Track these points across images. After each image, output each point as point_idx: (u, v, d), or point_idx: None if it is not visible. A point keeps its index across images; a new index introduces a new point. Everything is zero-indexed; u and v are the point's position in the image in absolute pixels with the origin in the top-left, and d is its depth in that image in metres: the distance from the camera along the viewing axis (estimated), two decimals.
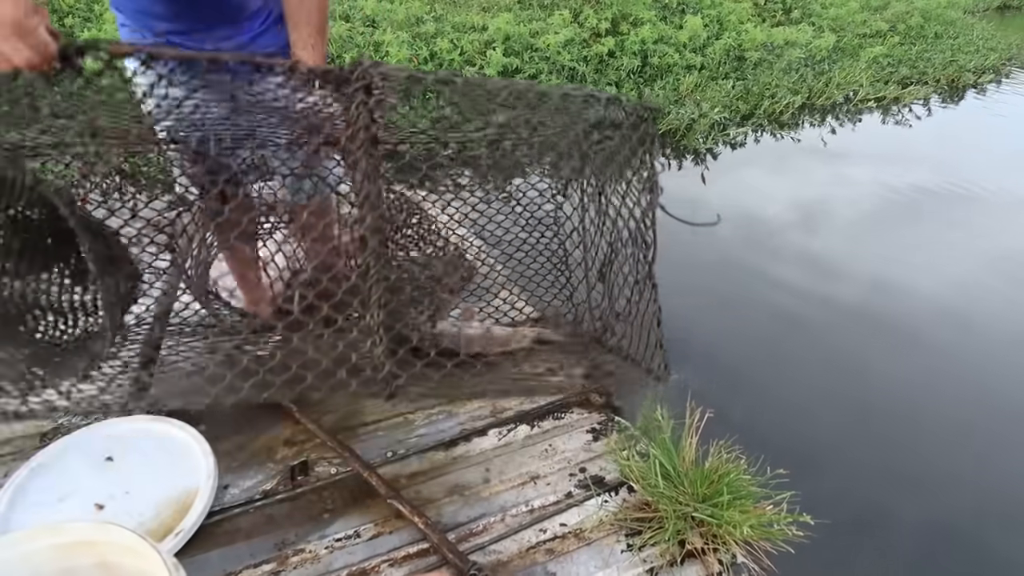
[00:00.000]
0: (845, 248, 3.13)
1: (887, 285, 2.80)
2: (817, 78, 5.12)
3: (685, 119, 4.16)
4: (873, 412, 2.09)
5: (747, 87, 4.75)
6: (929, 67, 5.75)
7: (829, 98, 5.02)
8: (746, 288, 2.74)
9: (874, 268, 2.92)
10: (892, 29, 6.47)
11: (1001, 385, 2.25)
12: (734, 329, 2.44)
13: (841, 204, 3.58)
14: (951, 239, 3.22)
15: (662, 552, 1.29)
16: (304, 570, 1.23)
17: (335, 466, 1.44)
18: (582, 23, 5.03)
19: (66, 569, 0.65)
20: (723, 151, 4.13)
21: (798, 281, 2.80)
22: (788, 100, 4.72)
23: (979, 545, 1.66)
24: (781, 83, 4.87)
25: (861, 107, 5.07)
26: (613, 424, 1.61)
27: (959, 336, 2.50)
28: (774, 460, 1.40)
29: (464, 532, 1.33)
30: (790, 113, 4.71)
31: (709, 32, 5.21)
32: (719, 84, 4.69)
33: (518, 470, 1.49)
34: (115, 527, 0.65)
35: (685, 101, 4.41)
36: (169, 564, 0.58)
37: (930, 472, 1.88)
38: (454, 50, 4.42)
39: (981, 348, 2.43)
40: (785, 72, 5.06)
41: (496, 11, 5.14)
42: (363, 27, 4.62)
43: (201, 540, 1.26)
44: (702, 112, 4.23)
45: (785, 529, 1.26)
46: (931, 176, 3.87)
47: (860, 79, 5.21)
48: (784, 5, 6.51)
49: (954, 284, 2.86)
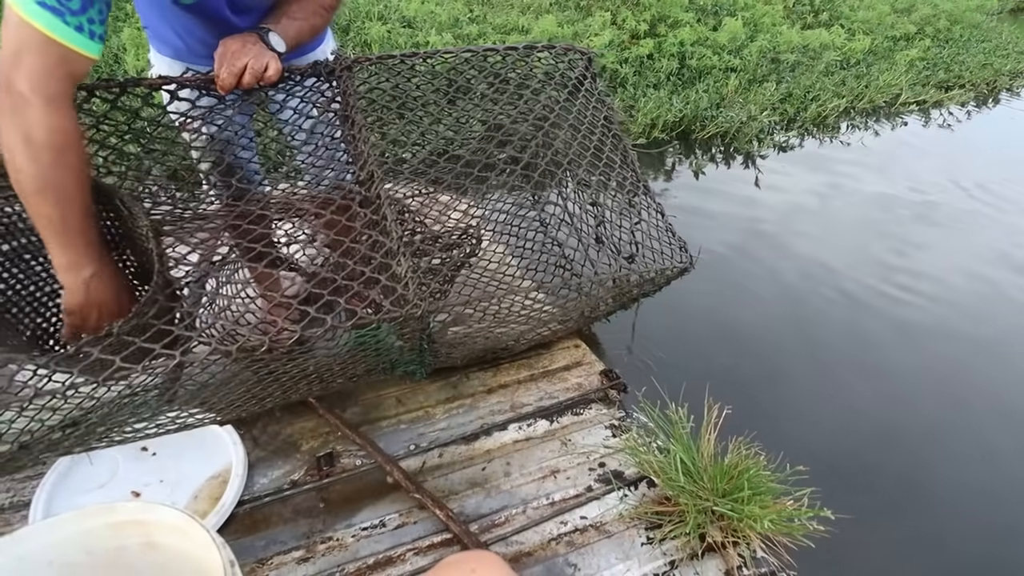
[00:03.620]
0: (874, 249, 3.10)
1: (924, 286, 2.77)
2: (856, 81, 5.04)
3: (736, 122, 4.14)
4: (898, 409, 2.08)
5: (789, 90, 4.69)
6: (965, 71, 5.65)
7: (871, 101, 4.94)
8: (768, 286, 2.73)
9: (915, 267, 2.90)
10: (920, 32, 6.36)
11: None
12: (753, 327, 2.44)
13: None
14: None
15: (682, 545, 1.30)
16: (332, 557, 1.27)
17: (360, 458, 1.48)
18: (620, 25, 5.00)
19: (116, 548, 0.68)
20: (773, 155, 4.08)
21: (829, 279, 2.78)
22: (833, 104, 4.66)
23: (1004, 547, 1.64)
24: (824, 86, 4.80)
25: (903, 111, 4.99)
26: (632, 420, 1.63)
27: (996, 340, 2.46)
28: (793, 457, 1.41)
29: (486, 523, 1.35)
30: (834, 117, 4.66)
31: (744, 34, 5.15)
32: (762, 87, 4.63)
33: (538, 464, 1.51)
34: (164, 507, 0.67)
35: (730, 104, 4.37)
36: (217, 541, 0.61)
37: (953, 470, 1.87)
38: None
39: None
40: (824, 75, 4.99)
41: (536, 12, 5.12)
42: (400, 27, 4.63)
43: (232, 527, 1.30)
44: (751, 115, 4.20)
45: (806, 524, 1.27)
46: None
47: (900, 82, 5.13)
48: (813, 7, 6.43)
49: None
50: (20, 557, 0.64)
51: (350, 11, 4.55)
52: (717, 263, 2.75)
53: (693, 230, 2.88)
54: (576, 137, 1.43)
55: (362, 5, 4.68)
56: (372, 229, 1.12)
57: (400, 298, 1.01)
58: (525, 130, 1.54)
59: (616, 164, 1.43)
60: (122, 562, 0.68)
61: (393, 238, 1.07)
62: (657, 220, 1.44)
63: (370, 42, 4.23)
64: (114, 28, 4.34)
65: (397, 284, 1.02)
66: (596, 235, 1.67)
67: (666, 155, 3.94)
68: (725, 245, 2.96)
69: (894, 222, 3.35)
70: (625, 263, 1.51)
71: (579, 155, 1.41)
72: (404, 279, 1.03)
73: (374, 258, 1.05)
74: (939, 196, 3.63)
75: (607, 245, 1.60)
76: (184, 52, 1.21)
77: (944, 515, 1.74)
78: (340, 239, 1.12)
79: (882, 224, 3.33)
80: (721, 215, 3.26)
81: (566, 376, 1.77)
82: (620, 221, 1.52)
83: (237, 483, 1.34)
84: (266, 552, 1.27)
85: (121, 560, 0.68)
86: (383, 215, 1.10)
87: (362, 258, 1.05)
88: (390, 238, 1.07)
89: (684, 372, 1.71)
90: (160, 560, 0.68)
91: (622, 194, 1.46)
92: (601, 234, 1.66)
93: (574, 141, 1.44)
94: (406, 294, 1.01)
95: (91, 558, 0.68)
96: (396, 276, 1.04)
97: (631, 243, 1.48)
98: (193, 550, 0.66)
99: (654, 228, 1.44)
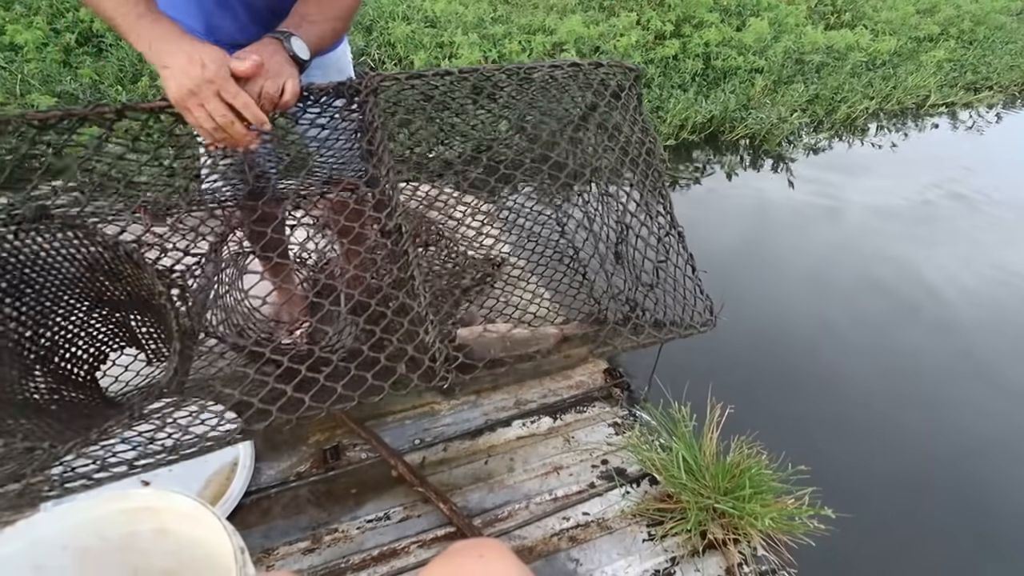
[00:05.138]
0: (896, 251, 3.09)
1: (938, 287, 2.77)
2: (883, 82, 4.99)
3: (766, 123, 4.12)
4: (903, 409, 2.08)
5: (816, 92, 4.66)
6: (992, 72, 5.60)
7: (899, 103, 4.90)
8: (774, 282, 2.73)
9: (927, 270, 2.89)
10: (944, 33, 6.30)
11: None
12: (757, 327, 2.44)
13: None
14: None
15: (683, 542, 1.31)
16: (337, 548, 1.28)
17: (365, 451, 1.50)
18: (645, 25, 4.97)
19: (129, 533, 0.69)
20: (804, 157, 4.06)
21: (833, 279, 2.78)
22: (864, 105, 4.62)
23: (1008, 549, 1.65)
24: (853, 88, 4.76)
25: (932, 112, 4.95)
26: (635, 418, 1.64)
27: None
28: (795, 456, 1.41)
29: (489, 518, 1.37)
30: (863, 119, 4.62)
31: (769, 34, 5.11)
32: (790, 88, 4.59)
33: (541, 460, 1.52)
34: (177, 494, 0.68)
35: (758, 105, 4.34)
36: (228, 529, 0.62)
37: (956, 470, 1.87)
38: (523, 52, 4.38)
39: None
40: (852, 76, 4.94)
41: (561, 12, 5.09)
42: (424, 27, 4.63)
43: (239, 517, 1.33)
44: (781, 117, 4.17)
45: (806, 522, 1.27)
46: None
47: (928, 84, 5.08)
48: (835, 7, 6.38)
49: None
50: (35, 541, 0.66)
51: (373, 10, 4.55)
52: (721, 262, 2.76)
53: (697, 227, 2.88)
54: (607, 143, 1.34)
55: (385, 5, 4.68)
56: (394, 264, 1.07)
57: (428, 371, 0.97)
58: (553, 128, 1.46)
59: (650, 197, 1.33)
60: (135, 547, 0.70)
61: (421, 303, 1.00)
62: (686, 272, 1.32)
63: (394, 42, 4.22)
64: None
65: (424, 355, 0.98)
66: (616, 251, 1.62)
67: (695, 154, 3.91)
68: (728, 245, 2.96)
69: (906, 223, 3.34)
70: (643, 288, 1.45)
71: (612, 166, 1.35)
72: (432, 349, 0.98)
73: (400, 324, 0.98)
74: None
75: (626, 266, 1.54)
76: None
77: (944, 515, 1.75)
78: (361, 279, 1.08)
79: (891, 229, 3.32)
80: (729, 209, 3.27)
81: (570, 374, 1.78)
82: (645, 251, 1.40)
83: (244, 474, 1.36)
84: (272, 542, 1.29)
85: (134, 545, 0.69)
86: (410, 263, 1.03)
87: (388, 325, 0.99)
88: (418, 303, 1.01)
89: (687, 371, 1.71)
90: (172, 546, 0.70)
91: (651, 226, 1.35)
92: (622, 251, 1.60)
93: (603, 147, 1.37)
94: (434, 367, 0.97)
95: (104, 543, 0.69)
96: (424, 346, 0.99)
97: (654, 270, 1.36)
98: (205, 537, 0.67)
99: (679, 274, 1.33)
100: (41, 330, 1.15)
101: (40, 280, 1.10)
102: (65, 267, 1.11)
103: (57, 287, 1.15)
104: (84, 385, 1.22)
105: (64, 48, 4.22)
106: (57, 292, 1.15)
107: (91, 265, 1.13)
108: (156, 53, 0.88)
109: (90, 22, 4.43)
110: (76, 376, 1.22)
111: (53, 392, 1.12)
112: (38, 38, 4.10)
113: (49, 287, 1.13)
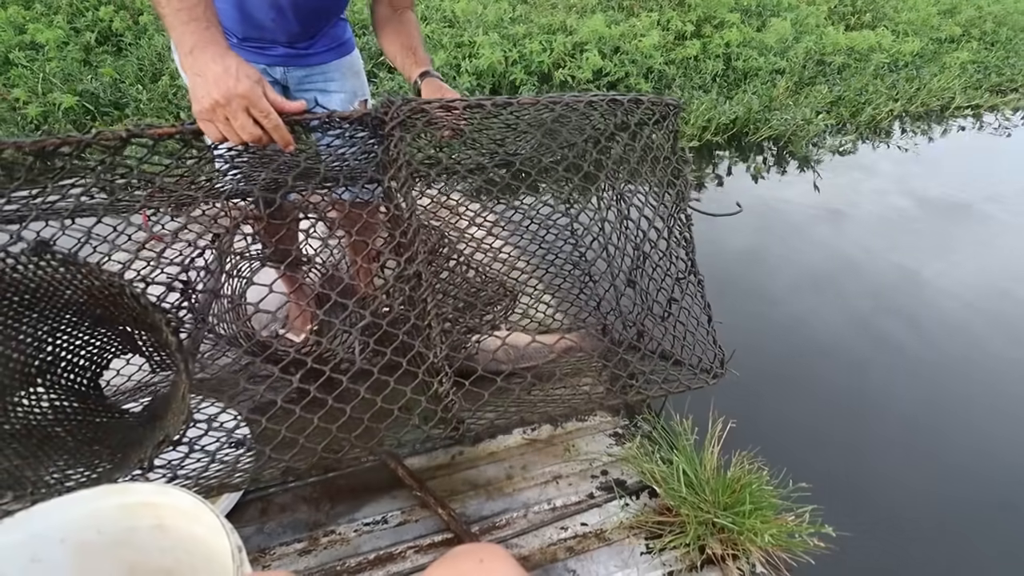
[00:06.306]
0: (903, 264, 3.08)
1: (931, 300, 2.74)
2: (907, 84, 4.95)
3: (791, 125, 4.10)
4: (905, 428, 2.06)
5: (840, 93, 4.63)
6: (1017, 74, 5.54)
7: (924, 105, 4.84)
8: (780, 298, 2.72)
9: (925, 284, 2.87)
10: (966, 34, 6.26)
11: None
12: (760, 340, 2.43)
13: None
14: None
15: (682, 556, 1.30)
16: (334, 551, 1.28)
17: None
18: (665, 26, 4.96)
19: (127, 528, 0.69)
20: (830, 159, 4.01)
21: (836, 296, 2.76)
22: (888, 107, 4.58)
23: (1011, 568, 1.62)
24: (877, 89, 4.73)
25: (957, 115, 4.89)
26: (636, 429, 1.63)
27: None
28: (796, 473, 1.40)
29: (487, 525, 1.36)
30: (887, 121, 4.58)
31: (791, 35, 5.10)
32: (814, 89, 4.57)
33: (541, 469, 1.52)
34: (177, 490, 0.68)
35: (781, 106, 4.31)
36: (226, 527, 0.62)
37: (959, 489, 1.85)
38: (543, 52, 4.38)
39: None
40: (875, 77, 4.91)
41: (581, 12, 5.10)
42: (443, 27, 4.64)
43: (237, 516, 1.33)
44: (806, 118, 4.15)
45: (806, 540, 1.26)
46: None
47: (952, 86, 5.04)
48: (855, 8, 6.35)
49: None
50: (34, 534, 0.66)
51: None
52: (723, 274, 2.75)
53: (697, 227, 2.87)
54: (632, 164, 1.31)
55: None
56: (409, 306, 1.06)
57: (440, 420, 0.97)
58: (579, 143, 1.47)
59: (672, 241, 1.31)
60: (133, 542, 0.70)
61: (437, 354, 0.98)
62: (701, 319, 1.30)
63: None
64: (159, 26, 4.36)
65: (438, 406, 0.98)
66: (630, 279, 1.62)
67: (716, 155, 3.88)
68: (733, 249, 2.95)
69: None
70: (655, 318, 1.42)
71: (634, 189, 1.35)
72: (446, 400, 0.97)
73: (416, 372, 0.97)
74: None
75: (638, 292, 1.53)
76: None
77: (948, 536, 1.73)
78: (379, 324, 1.04)
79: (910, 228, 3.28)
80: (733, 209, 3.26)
81: (573, 382, 1.77)
82: (662, 282, 1.39)
83: None
84: (269, 542, 1.29)
85: (132, 540, 0.70)
86: (428, 312, 1.00)
87: (402, 375, 0.97)
88: (433, 352, 0.98)
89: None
90: (169, 543, 0.70)
91: (666, 265, 1.34)
92: (636, 279, 1.56)
93: (627, 166, 1.34)
94: (447, 416, 0.97)
95: (102, 537, 0.69)
96: (437, 396, 0.98)
97: (666, 304, 1.36)
98: (202, 534, 0.67)
99: (694, 322, 1.31)
100: (43, 345, 1.16)
101: (41, 305, 1.11)
102: (67, 294, 1.11)
103: (59, 310, 1.15)
104: (86, 395, 1.22)
105: (84, 47, 4.27)
106: (59, 314, 1.15)
107: (92, 295, 1.12)
108: (194, 59, 0.88)
109: (109, 21, 4.49)
110: (78, 386, 1.22)
111: (55, 412, 1.11)
112: (59, 37, 4.16)
113: (50, 310, 1.13)
